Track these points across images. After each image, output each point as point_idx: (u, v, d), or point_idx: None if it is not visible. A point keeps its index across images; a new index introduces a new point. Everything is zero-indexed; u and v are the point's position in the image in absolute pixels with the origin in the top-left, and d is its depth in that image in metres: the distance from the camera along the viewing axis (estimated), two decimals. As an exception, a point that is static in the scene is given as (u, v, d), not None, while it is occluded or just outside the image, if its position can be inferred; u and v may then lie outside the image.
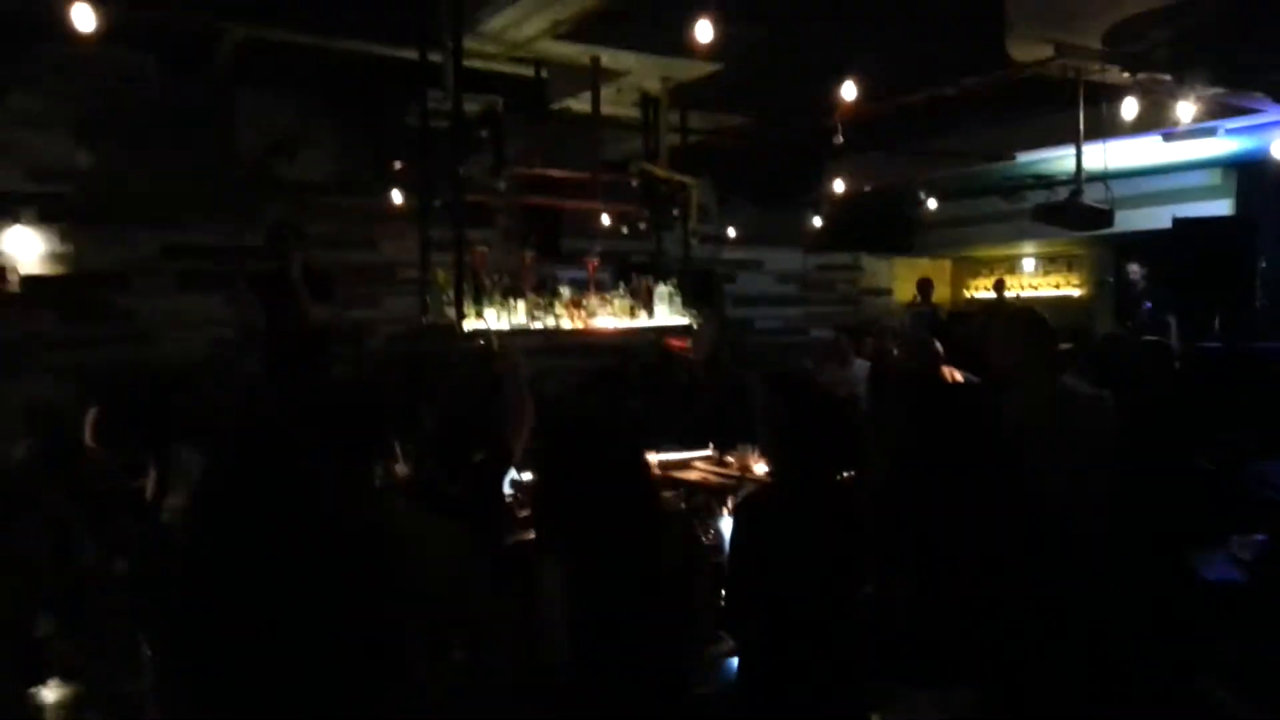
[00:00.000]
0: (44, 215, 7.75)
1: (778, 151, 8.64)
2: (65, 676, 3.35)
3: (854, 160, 8.26)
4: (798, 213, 10.30)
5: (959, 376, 5.16)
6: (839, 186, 8.12)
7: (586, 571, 2.46)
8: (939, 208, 9.63)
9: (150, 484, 5.84)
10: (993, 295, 12.24)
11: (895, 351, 6.84)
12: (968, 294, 13.49)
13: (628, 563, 2.50)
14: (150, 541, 4.97)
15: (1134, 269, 9.30)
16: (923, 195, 9.18)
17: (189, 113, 7.80)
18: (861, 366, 8.32)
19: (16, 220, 7.66)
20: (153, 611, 3.96)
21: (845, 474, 3.28)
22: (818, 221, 9.82)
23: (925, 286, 10.84)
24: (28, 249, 7.71)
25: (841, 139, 6.11)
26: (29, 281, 7.70)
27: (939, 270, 13.07)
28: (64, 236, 7.85)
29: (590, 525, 2.51)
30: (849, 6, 4.92)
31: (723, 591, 2.91)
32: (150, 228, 8.18)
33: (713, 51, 5.32)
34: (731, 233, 10.03)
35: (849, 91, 5.17)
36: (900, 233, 11.83)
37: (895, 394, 3.46)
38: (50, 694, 3.20)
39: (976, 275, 13.38)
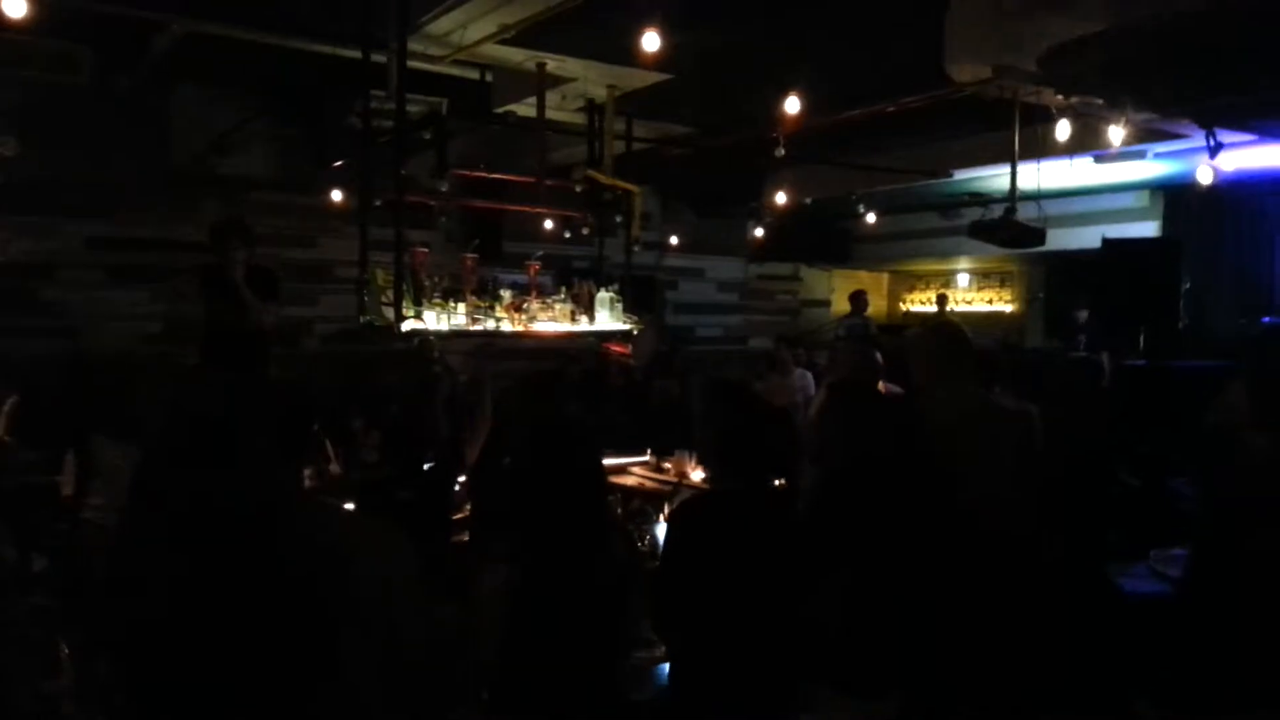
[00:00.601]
0: (-33, 204, 7.52)
1: (721, 161, 8.71)
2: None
3: (795, 172, 8.37)
4: (739, 222, 10.40)
5: (887, 388, 5.26)
6: (780, 198, 8.21)
7: (529, 575, 2.46)
8: (877, 221, 9.79)
9: (68, 480, 5.70)
10: (934, 309, 12.49)
11: (823, 363, 6.96)
12: (904, 307, 13.73)
13: (570, 569, 2.51)
14: (72, 540, 4.86)
15: (1082, 315, 9.48)
16: (861, 209, 9.32)
17: (124, 105, 7.62)
18: (801, 376, 8.43)
19: (-65, 206, 7.42)
20: (75, 611, 3.87)
21: (780, 481, 3.33)
22: (759, 232, 9.91)
23: (859, 298, 11.01)
24: (-54, 236, 7.48)
25: (783, 151, 6.18)
26: (-51, 271, 7.47)
27: (876, 283, 13.28)
28: (-12, 226, 7.63)
29: (540, 529, 2.52)
30: (794, 21, 4.99)
31: (655, 597, 2.92)
32: (78, 220, 8.00)
33: (659, 61, 5.35)
34: (674, 240, 10.10)
35: (791, 105, 5.24)
36: (839, 245, 12.00)
37: (828, 404, 3.50)
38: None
39: (913, 289, 13.63)
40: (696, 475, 6.94)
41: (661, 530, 4.54)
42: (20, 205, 7.72)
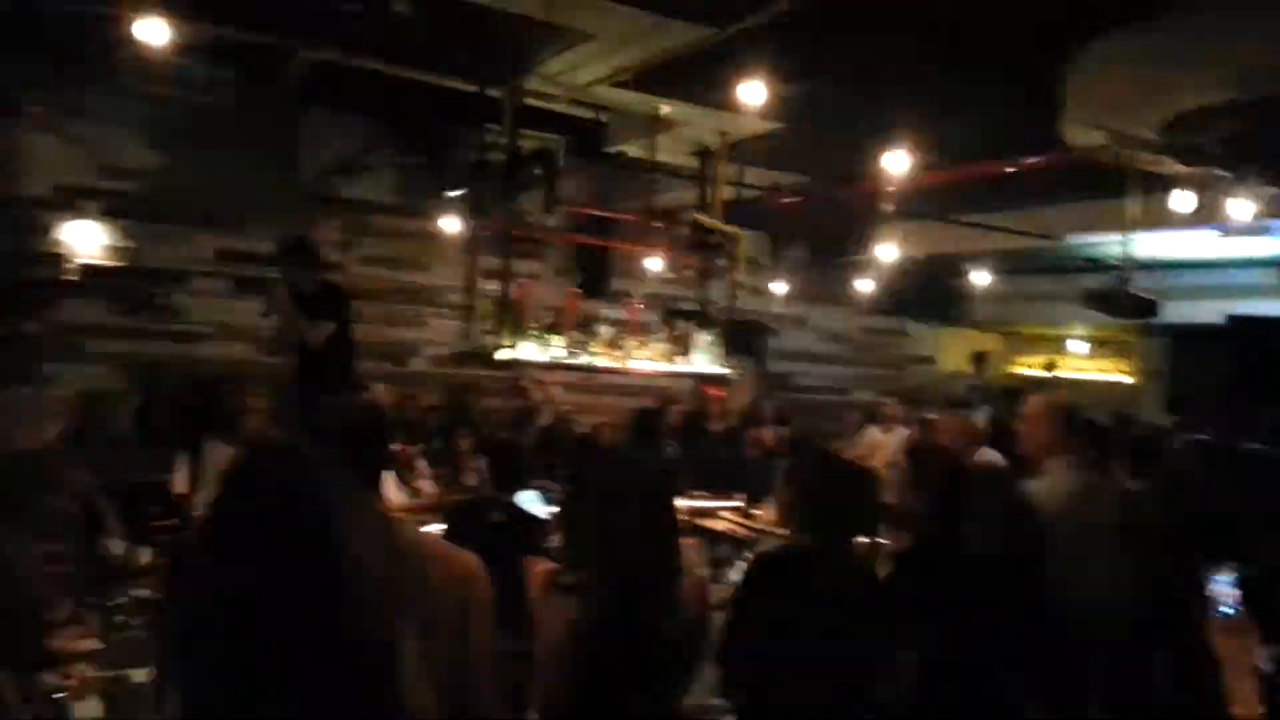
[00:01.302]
0: (108, 210, 8.00)
1: (831, 211, 8.64)
2: (76, 662, 3.40)
3: (905, 227, 8.24)
4: (847, 273, 10.28)
5: (991, 457, 5.10)
6: (888, 252, 8.09)
7: (595, 613, 2.44)
8: (989, 281, 9.55)
9: (179, 479, 5.96)
10: (1043, 374, 12.08)
11: (931, 421, 6.77)
12: (1015, 369, 13.32)
13: (636, 609, 2.48)
14: (179, 536, 5.07)
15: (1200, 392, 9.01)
16: (971, 267, 9.11)
17: (257, 126, 8.01)
18: (902, 433, 8.24)
19: (81, 213, 7.90)
20: (170, 607, 4.01)
21: (862, 540, 3.24)
22: (866, 284, 9.77)
23: (980, 360, 10.69)
24: (89, 241, 7.94)
25: (890, 208, 6.09)
26: (87, 272, 7.93)
27: (987, 344, 12.93)
28: (125, 232, 8.08)
29: (607, 567, 2.50)
30: (908, 77, 4.93)
31: (722, 649, 2.86)
32: (209, 231, 8.40)
33: (771, 111, 5.37)
34: (779, 287, 10.02)
35: (900, 162, 5.17)
36: (948, 302, 11.74)
37: (920, 470, 3.41)
38: (58, 679, 3.22)
39: (1024, 352, 13.21)
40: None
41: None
42: (159, 215, 8.17)
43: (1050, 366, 11.95)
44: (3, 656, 2.60)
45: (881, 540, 4.87)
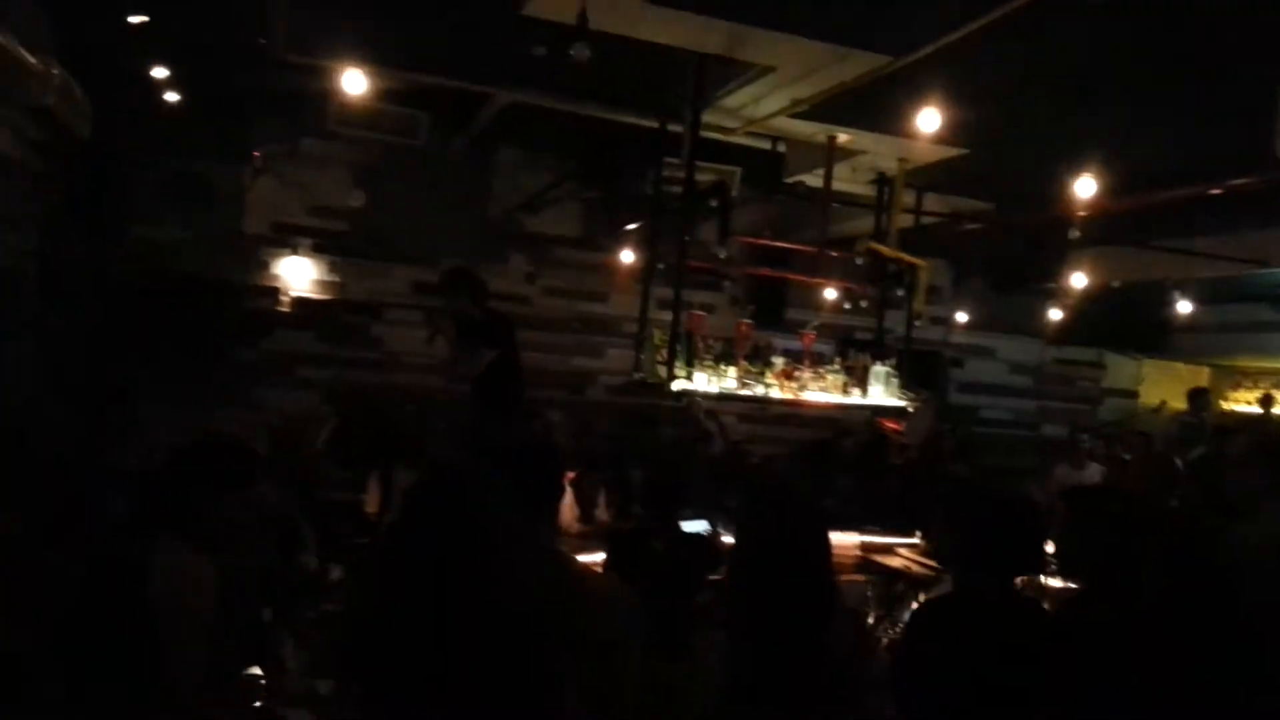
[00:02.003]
0: (317, 247, 8.65)
1: (1018, 237, 8.32)
2: (271, 666, 3.65)
3: (1101, 252, 7.82)
4: (1038, 301, 9.84)
5: (1191, 498, 4.76)
6: (1081, 279, 7.70)
7: (746, 645, 2.44)
8: (1196, 310, 8.92)
9: (371, 499, 6.31)
10: (1259, 410, 11.12)
11: (1127, 459, 6.38)
12: (1226, 406, 12.33)
13: (789, 645, 2.46)
14: (367, 555, 5.37)
15: None
16: (1176, 295, 8.53)
17: (452, 165, 8.49)
18: (1096, 471, 7.80)
19: (294, 250, 8.57)
20: (346, 621, 4.25)
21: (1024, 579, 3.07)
22: (1058, 313, 9.31)
23: (1198, 397, 9.91)
24: (300, 275, 8.61)
25: (1078, 233, 5.81)
26: (297, 303, 8.59)
27: (1194, 377, 12.03)
28: (332, 267, 8.71)
29: (759, 600, 2.49)
30: (1105, 96, 4.70)
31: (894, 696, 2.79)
32: (405, 265, 8.92)
33: (953, 135, 5.24)
34: (962, 317, 9.70)
35: (1089, 187, 4.93)
36: (1150, 333, 11.01)
37: (1088, 511, 3.19)
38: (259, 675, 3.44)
39: (1238, 386, 12.21)
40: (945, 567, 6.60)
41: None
42: (361, 251, 8.76)
43: (1268, 403, 10.99)
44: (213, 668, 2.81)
45: (1048, 581, 4.62)
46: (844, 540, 6.40)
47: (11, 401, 5.99)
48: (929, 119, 4.49)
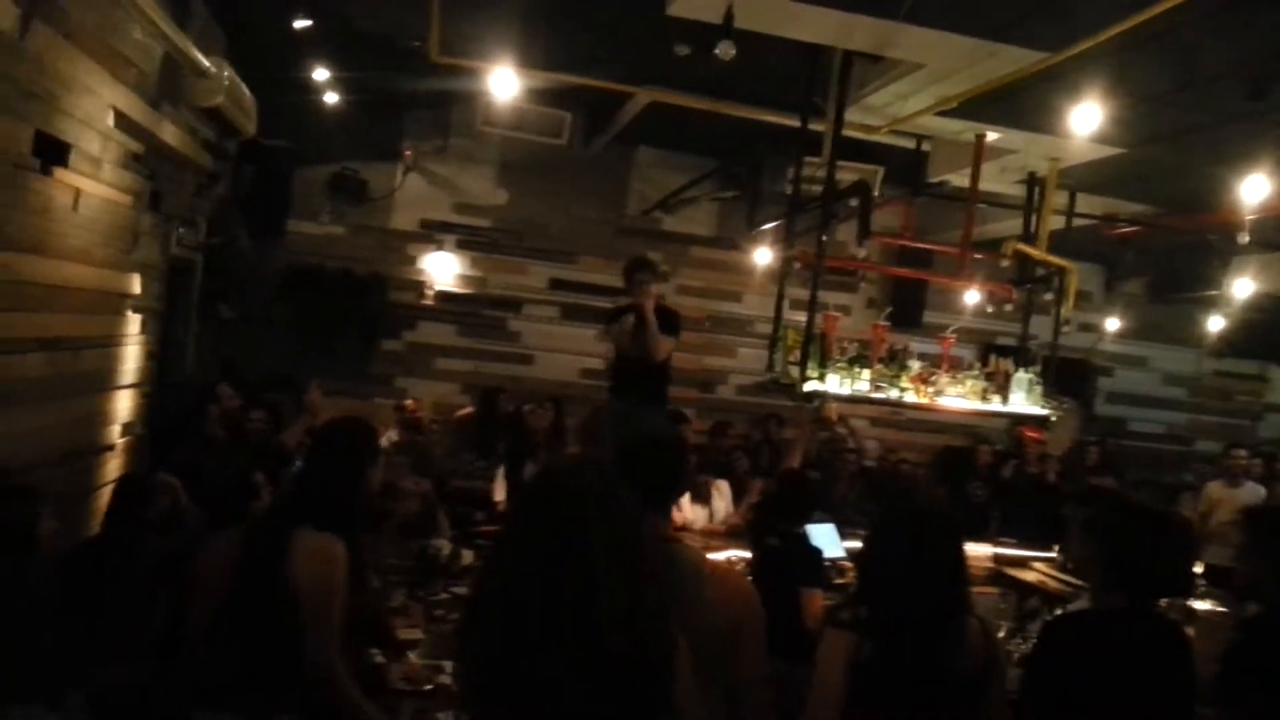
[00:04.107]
0: (461, 243, 8.93)
1: (1178, 242, 7.89)
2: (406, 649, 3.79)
3: (1266, 259, 7.35)
4: (1197, 310, 9.31)
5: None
6: (1245, 287, 7.25)
7: (877, 652, 2.41)
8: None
9: (499, 487, 6.48)
10: None
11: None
12: None
13: (919, 654, 2.42)
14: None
15: None
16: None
17: (592, 165, 8.63)
18: (1254, 491, 7.35)
19: (439, 245, 8.87)
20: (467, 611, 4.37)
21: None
22: (1218, 322, 8.78)
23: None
24: (445, 270, 8.90)
25: (1247, 238, 5.46)
26: (440, 297, 8.88)
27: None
28: (474, 263, 8.98)
29: (890, 607, 2.46)
30: (1276, 92, 4.42)
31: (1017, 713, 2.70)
32: (544, 262, 9.12)
33: (1109, 134, 5.03)
34: (1114, 324, 9.26)
35: (1262, 187, 4.63)
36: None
37: (1273, 533, 3.02)
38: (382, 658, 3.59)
39: None
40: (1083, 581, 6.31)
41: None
42: (503, 247, 9.01)
43: None
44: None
45: (1195, 604, 4.36)
46: (976, 551, 6.22)
47: (183, 383, 6.42)
48: (1086, 117, 4.31)
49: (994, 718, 2.51)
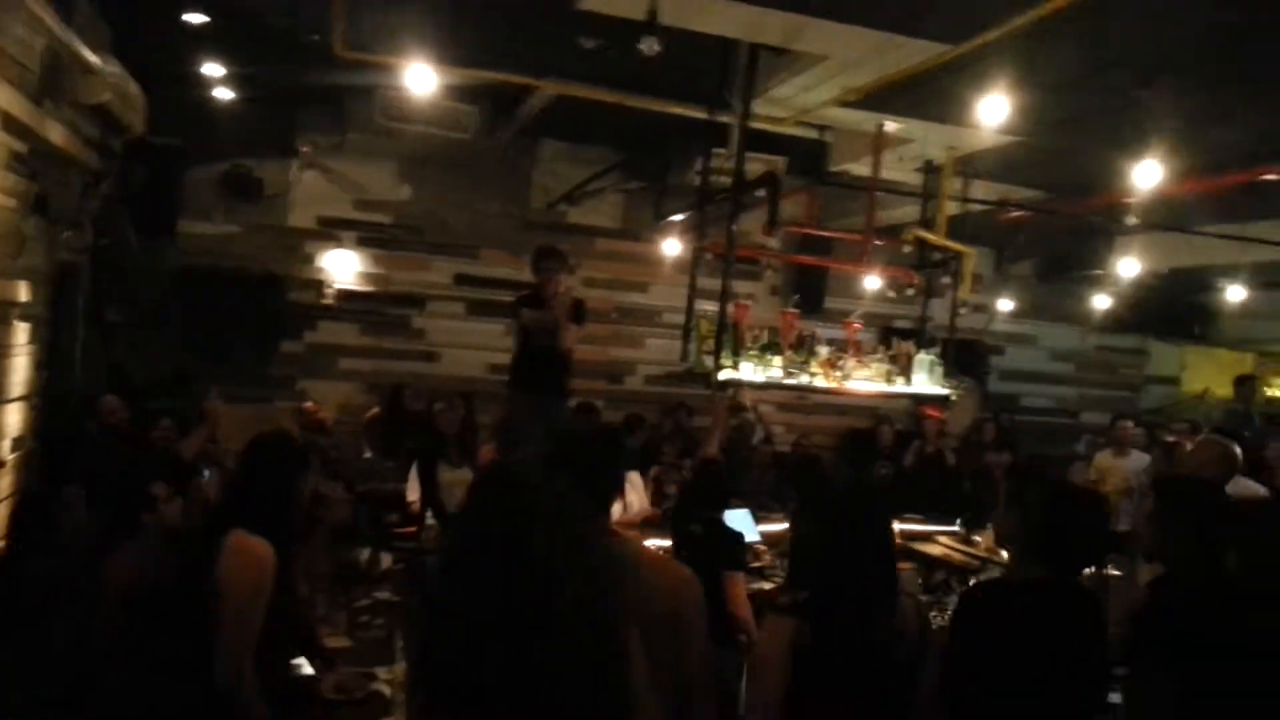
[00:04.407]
0: (362, 240, 8.73)
1: (1064, 225, 8.24)
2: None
3: (1147, 239, 7.74)
4: (1080, 289, 9.75)
5: (1251, 488, 4.72)
6: (1128, 266, 7.62)
7: (817, 635, 2.46)
8: (1246, 297, 8.80)
9: (413, 487, 6.37)
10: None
11: (1188, 448, 6.29)
12: (1271, 393, 12.17)
13: (859, 634, 2.48)
14: (417, 544, 5.45)
15: None
16: (1224, 282, 8.41)
17: (496, 158, 8.53)
18: (1139, 459, 7.75)
19: (340, 243, 8.66)
20: (410, 610, 4.32)
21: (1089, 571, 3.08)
22: (1102, 301, 9.22)
23: (1244, 383, 9.79)
24: (345, 268, 8.69)
25: (1135, 220, 5.75)
26: (341, 296, 8.67)
27: (1239, 364, 11.88)
28: (376, 260, 8.79)
29: (829, 589, 2.51)
30: (1166, 83, 4.64)
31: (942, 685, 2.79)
32: (448, 257, 8.99)
33: (1005, 123, 5.21)
34: (1006, 305, 9.63)
35: (1150, 174, 4.87)
36: (1195, 320, 10.88)
37: (1173, 498, 3.20)
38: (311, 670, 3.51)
39: (1283, 373, 12.06)
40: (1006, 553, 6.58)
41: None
42: (405, 243, 8.84)
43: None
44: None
45: (1111, 571, 4.59)
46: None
47: (71, 392, 6.12)
48: (992, 108, 4.46)
49: (928, 694, 2.61)
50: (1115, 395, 11.32)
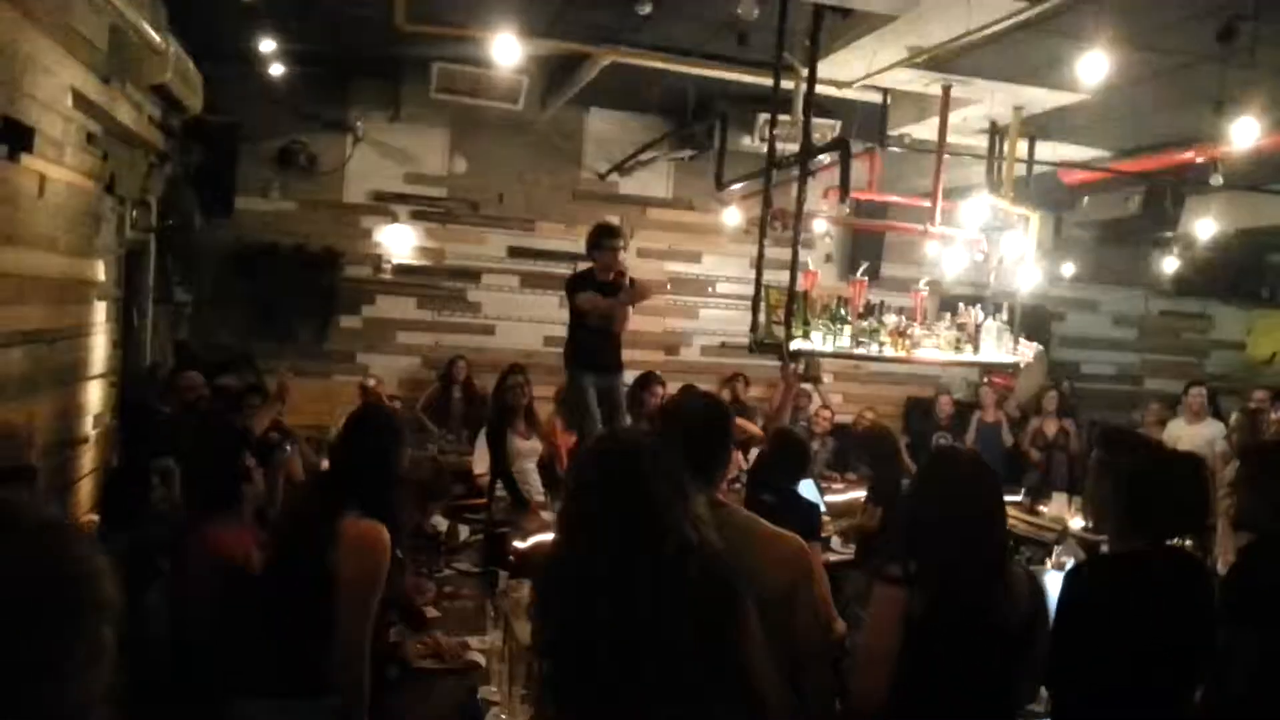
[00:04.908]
0: (416, 214, 8.75)
1: (1130, 186, 8.02)
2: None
3: (1220, 199, 7.51)
4: (1144, 252, 9.51)
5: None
6: (1200, 227, 7.41)
7: (929, 604, 2.43)
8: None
9: (480, 459, 6.40)
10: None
11: (1273, 415, 6.11)
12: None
13: (972, 605, 2.45)
14: (490, 515, 5.47)
15: None
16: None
17: (546, 129, 8.49)
18: (1213, 426, 7.58)
19: (394, 218, 8.68)
20: (491, 579, 4.34)
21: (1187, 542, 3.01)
22: (1169, 264, 8.97)
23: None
24: (401, 243, 8.72)
25: (1220, 179, 5.55)
26: (398, 270, 8.71)
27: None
28: (431, 234, 8.80)
29: (940, 560, 2.48)
30: (1244, 38, 4.47)
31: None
32: (502, 230, 8.98)
33: (1073, 82, 5.06)
34: (1069, 269, 9.41)
35: (1248, 131, 4.65)
36: (1265, 283, 10.57)
37: (1271, 467, 3.10)
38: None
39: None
40: (1075, 523, 6.47)
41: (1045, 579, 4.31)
42: (458, 217, 8.84)
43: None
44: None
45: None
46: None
47: (147, 369, 6.22)
48: (1090, 65, 4.31)
49: (1039, 664, 2.57)
50: (1179, 360, 11.07)
